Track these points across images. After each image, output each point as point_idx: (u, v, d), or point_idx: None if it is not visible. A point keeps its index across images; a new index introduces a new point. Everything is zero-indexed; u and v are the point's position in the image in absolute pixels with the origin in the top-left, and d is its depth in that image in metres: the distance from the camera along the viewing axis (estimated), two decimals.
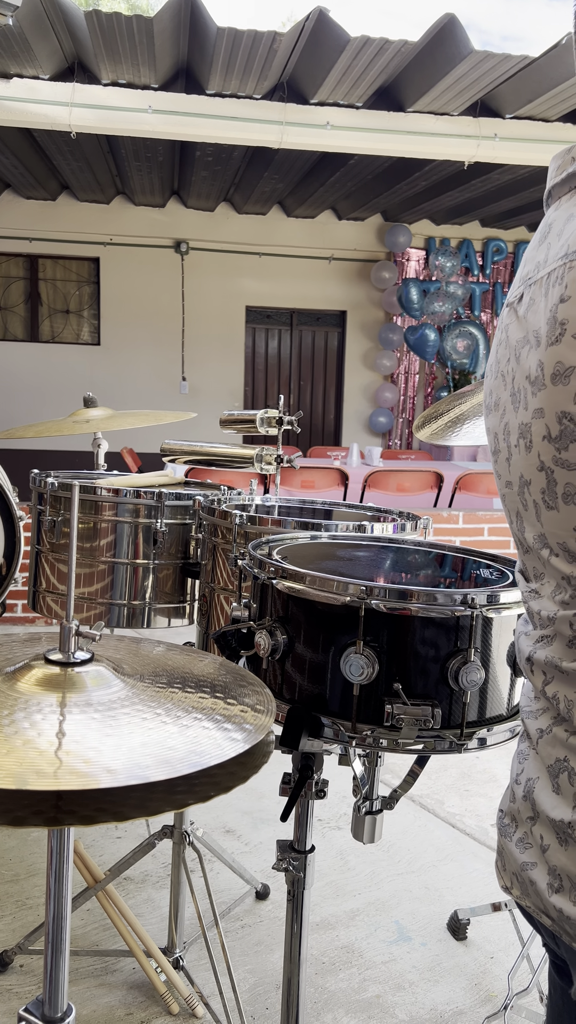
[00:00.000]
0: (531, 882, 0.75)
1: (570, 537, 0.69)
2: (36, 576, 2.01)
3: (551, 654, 0.74)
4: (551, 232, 0.73)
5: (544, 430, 0.69)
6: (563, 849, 0.71)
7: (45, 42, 4.91)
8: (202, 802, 0.76)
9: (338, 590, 1.07)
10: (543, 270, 0.71)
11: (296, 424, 2.03)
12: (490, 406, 0.82)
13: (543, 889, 0.72)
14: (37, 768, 0.69)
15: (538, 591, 0.76)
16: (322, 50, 4.88)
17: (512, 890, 0.79)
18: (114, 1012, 1.77)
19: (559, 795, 0.72)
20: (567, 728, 0.72)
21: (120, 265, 8.99)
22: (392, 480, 5.49)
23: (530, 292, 0.72)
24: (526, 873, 0.75)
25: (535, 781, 0.76)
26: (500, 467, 0.80)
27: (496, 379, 0.80)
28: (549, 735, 0.74)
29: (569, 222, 0.70)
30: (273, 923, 2.11)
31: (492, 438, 0.82)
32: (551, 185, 0.76)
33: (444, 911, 2.19)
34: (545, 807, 0.73)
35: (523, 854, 0.76)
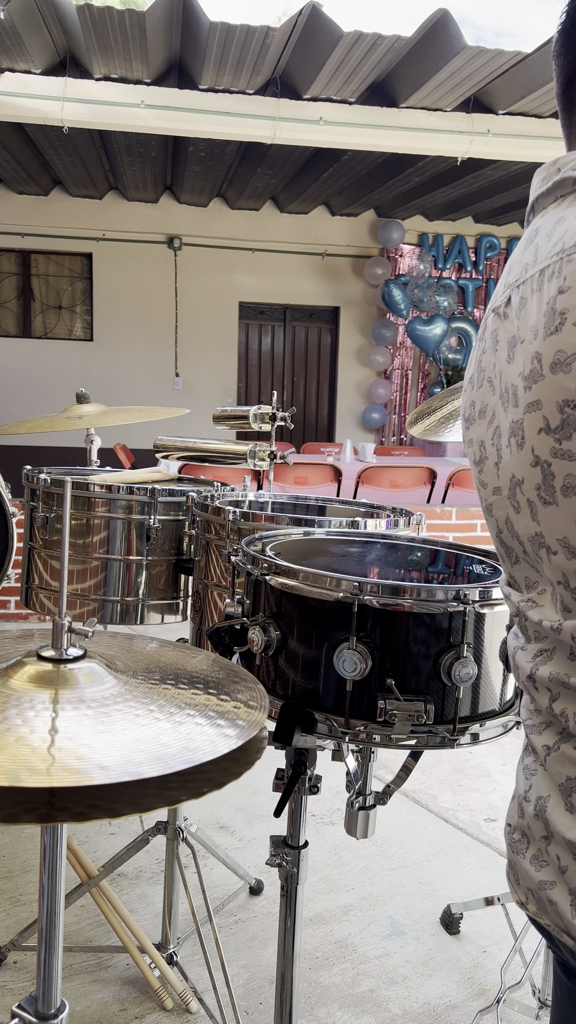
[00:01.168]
0: (551, 902, 0.74)
1: (571, 531, 0.68)
2: (29, 572, 2.00)
3: (555, 670, 0.72)
4: (538, 235, 0.73)
5: (541, 422, 0.68)
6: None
7: (37, 36, 4.88)
8: (195, 798, 0.76)
9: (331, 586, 1.07)
10: (533, 269, 0.71)
11: (289, 420, 2.03)
12: (472, 417, 0.82)
13: (565, 910, 0.72)
14: (30, 765, 0.68)
15: (535, 600, 0.75)
16: (315, 45, 4.87)
17: (528, 906, 0.78)
18: (108, 1008, 1.77)
19: (573, 815, 0.71)
20: (575, 746, 0.71)
21: (113, 261, 8.96)
22: (385, 476, 5.49)
23: (519, 292, 0.73)
24: (544, 892, 0.75)
25: (546, 800, 0.74)
26: (486, 475, 0.80)
27: (481, 388, 0.80)
28: (557, 752, 0.73)
29: (559, 224, 0.71)
30: (267, 918, 2.11)
31: (476, 448, 0.81)
32: (535, 197, 0.77)
33: (437, 905, 2.20)
34: (560, 827, 0.72)
35: (539, 872, 0.75)
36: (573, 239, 0.67)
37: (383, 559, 1.36)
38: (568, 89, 0.78)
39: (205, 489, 1.94)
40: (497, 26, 28.41)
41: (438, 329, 9.19)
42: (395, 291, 9.07)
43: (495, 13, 28.10)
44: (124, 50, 4.95)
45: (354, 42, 4.77)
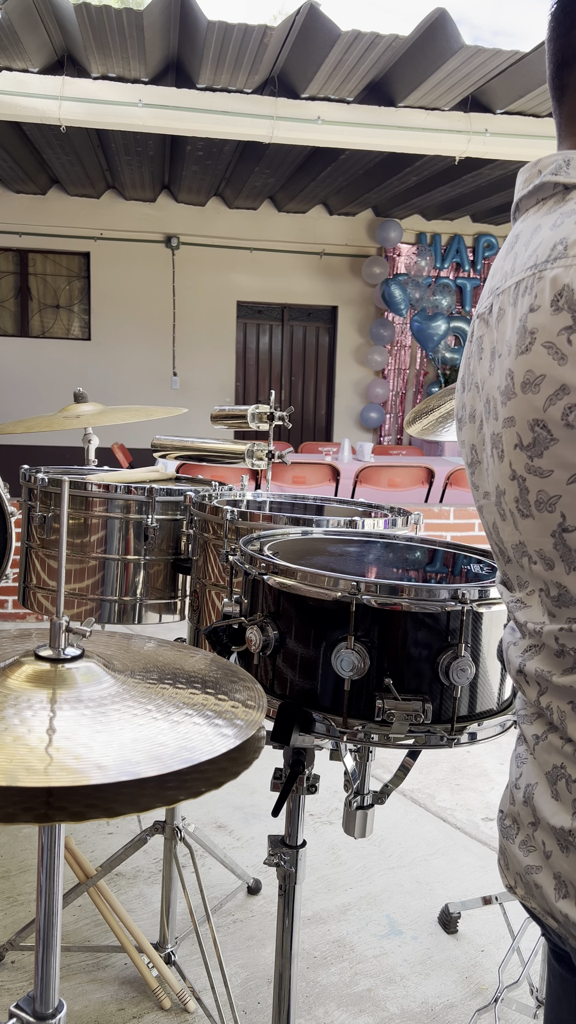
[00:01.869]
0: (536, 885, 0.76)
1: (547, 544, 0.69)
2: (26, 572, 2.00)
3: (541, 666, 0.74)
4: (518, 242, 0.74)
5: (515, 439, 0.70)
6: (565, 856, 0.72)
7: (34, 35, 4.88)
8: (193, 798, 0.76)
9: (329, 585, 1.07)
10: (510, 279, 0.72)
11: (287, 420, 2.03)
12: (464, 419, 0.83)
13: (550, 894, 0.74)
14: (27, 765, 0.68)
15: (524, 601, 0.77)
16: (313, 44, 4.87)
17: (516, 890, 0.80)
18: (106, 1008, 1.77)
19: (558, 802, 0.73)
20: (561, 736, 0.73)
21: (111, 260, 8.95)
22: (383, 476, 5.49)
23: (499, 302, 0.73)
24: (531, 876, 0.77)
25: (534, 787, 0.76)
26: (478, 478, 0.81)
27: (470, 391, 0.80)
28: (545, 742, 0.75)
29: (536, 233, 0.71)
30: (265, 918, 2.11)
31: (468, 450, 0.82)
32: (519, 198, 0.77)
33: (435, 905, 2.20)
34: (545, 813, 0.74)
35: (527, 857, 0.77)
36: (546, 252, 0.68)
37: (381, 559, 1.36)
38: (559, 74, 0.78)
39: (203, 488, 1.94)
40: (495, 25, 28.43)
41: (441, 327, 9.19)
42: (395, 289, 9.07)
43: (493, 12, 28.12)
44: (122, 49, 4.95)
45: (352, 41, 4.77)
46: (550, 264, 0.66)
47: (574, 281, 0.64)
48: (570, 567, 0.68)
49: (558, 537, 0.68)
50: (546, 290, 0.66)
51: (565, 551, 0.68)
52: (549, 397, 0.65)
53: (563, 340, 0.64)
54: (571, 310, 0.64)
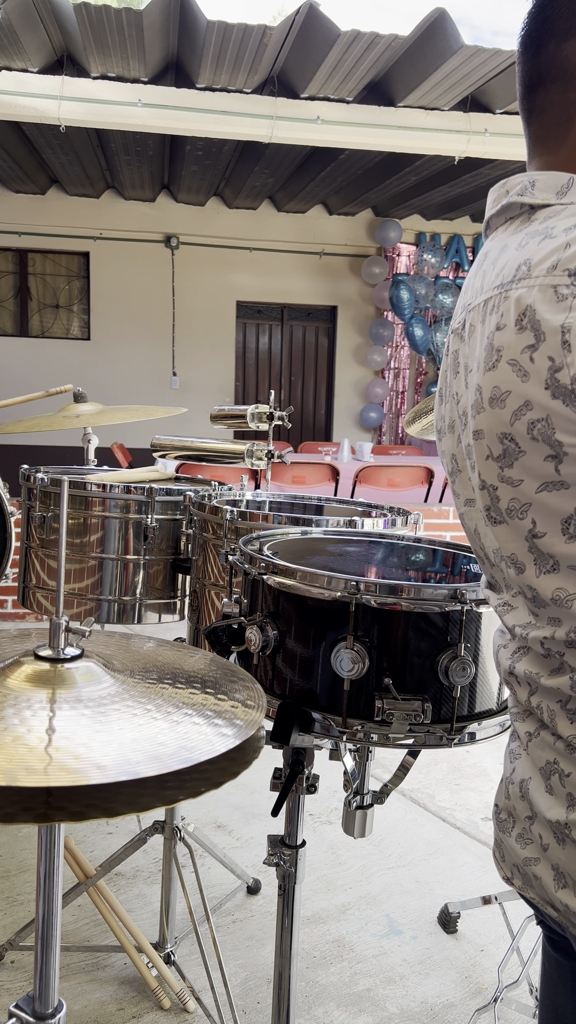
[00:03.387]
0: (535, 876, 0.78)
1: (520, 549, 0.73)
2: (26, 572, 2.00)
3: (529, 668, 0.77)
4: (487, 260, 0.77)
5: (486, 451, 0.73)
6: (562, 848, 0.74)
7: (34, 35, 4.88)
8: (192, 798, 0.76)
9: (328, 585, 1.07)
10: (479, 297, 0.75)
11: (287, 419, 2.03)
12: (443, 430, 0.86)
13: (549, 884, 0.76)
14: (27, 765, 0.68)
15: (510, 603, 0.79)
16: (312, 44, 4.87)
17: (513, 880, 0.82)
18: (105, 1007, 1.77)
19: (553, 796, 0.75)
20: (552, 733, 0.75)
21: (110, 260, 8.95)
22: (383, 475, 5.49)
23: (470, 318, 0.76)
24: (529, 868, 0.78)
25: (529, 781, 0.78)
26: (460, 486, 0.84)
27: (448, 403, 0.84)
28: (537, 738, 0.77)
29: (503, 252, 0.74)
30: (264, 917, 2.11)
31: (448, 460, 0.86)
32: (489, 216, 0.80)
33: (435, 905, 2.20)
34: (541, 807, 0.76)
35: (524, 850, 0.79)
36: (511, 272, 0.71)
37: (380, 558, 1.36)
38: (528, 96, 0.80)
39: (202, 488, 1.94)
40: (494, 25, 28.42)
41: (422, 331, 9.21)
42: (403, 292, 9.04)
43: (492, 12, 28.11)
44: (121, 49, 4.95)
45: (351, 41, 4.76)
46: (515, 284, 0.69)
47: (536, 302, 0.67)
48: (541, 570, 0.71)
49: (530, 542, 0.72)
50: (511, 310, 0.69)
51: (538, 555, 0.71)
52: (515, 412, 0.69)
53: (526, 358, 0.67)
54: (534, 329, 0.67)
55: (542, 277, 0.67)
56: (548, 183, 0.74)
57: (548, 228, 0.70)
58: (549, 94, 0.77)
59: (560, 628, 0.72)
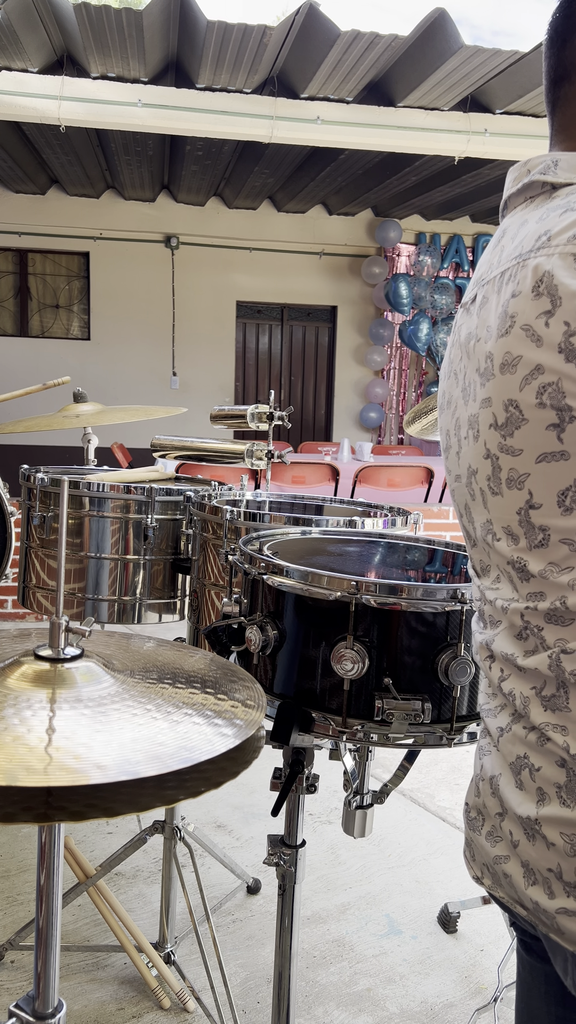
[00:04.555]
0: (505, 875, 0.77)
1: (513, 520, 0.73)
2: (26, 572, 2.00)
3: (505, 648, 0.76)
4: (505, 236, 0.77)
5: (491, 418, 0.73)
6: (532, 844, 0.73)
7: (34, 35, 4.88)
8: (192, 798, 0.76)
9: (328, 585, 1.07)
10: (496, 270, 0.75)
11: (287, 419, 2.03)
12: (443, 405, 0.87)
13: (519, 882, 0.75)
14: (27, 764, 0.68)
15: (494, 585, 0.79)
16: (312, 44, 4.87)
17: (483, 880, 0.82)
18: (105, 1007, 1.77)
19: (523, 791, 0.75)
20: (525, 725, 0.74)
21: (110, 260, 8.95)
22: (383, 475, 5.49)
23: (483, 291, 0.77)
24: (499, 866, 0.78)
25: (499, 778, 0.78)
26: (451, 463, 0.85)
27: (449, 379, 0.84)
28: (509, 733, 0.77)
29: (523, 227, 0.74)
30: (264, 917, 2.11)
31: (444, 436, 0.86)
32: (507, 196, 0.81)
33: (435, 904, 2.20)
34: (512, 803, 0.76)
35: (494, 848, 0.79)
36: (531, 243, 0.71)
37: (380, 558, 1.36)
38: (552, 89, 0.82)
39: (202, 488, 1.94)
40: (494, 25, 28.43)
41: (424, 329, 9.21)
42: (401, 286, 9.04)
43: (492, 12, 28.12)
44: (121, 49, 4.95)
45: (351, 41, 4.76)
46: (533, 254, 0.70)
47: (555, 268, 0.67)
48: (532, 543, 0.72)
49: (523, 515, 0.72)
50: (528, 277, 0.69)
51: (529, 528, 0.72)
52: (524, 377, 0.69)
53: (541, 323, 0.68)
54: (551, 295, 0.67)
55: (562, 246, 0.67)
56: (572, 163, 0.75)
57: (570, 202, 0.71)
58: (573, 86, 0.78)
59: (543, 601, 0.71)
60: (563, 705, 0.70)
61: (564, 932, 0.71)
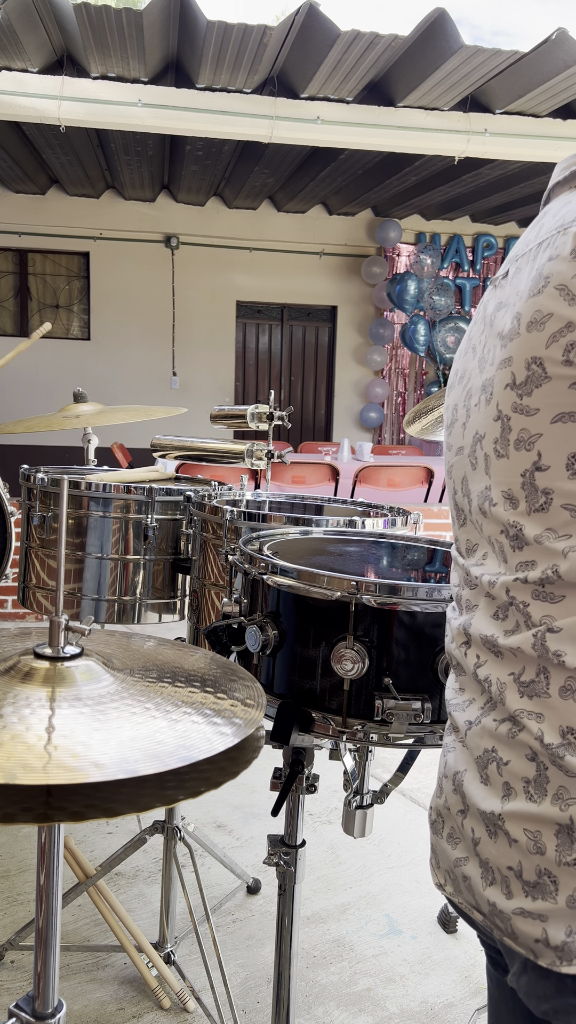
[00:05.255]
0: (464, 878, 0.75)
1: (516, 483, 0.72)
2: (26, 572, 2.00)
3: (484, 629, 0.75)
4: (546, 216, 0.77)
5: (509, 378, 0.72)
6: (493, 842, 0.71)
7: (34, 35, 4.88)
8: (192, 797, 0.76)
9: (328, 585, 1.07)
10: (533, 243, 0.75)
11: (287, 419, 2.03)
12: (453, 383, 0.86)
13: (477, 884, 0.73)
14: (26, 762, 0.68)
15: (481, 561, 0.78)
16: (312, 44, 4.87)
17: (445, 887, 0.79)
18: (105, 1007, 1.77)
19: (488, 786, 0.72)
20: (496, 717, 0.72)
21: (110, 260, 8.95)
22: (383, 475, 5.49)
23: (516, 265, 0.77)
24: (459, 869, 0.75)
25: (463, 774, 0.76)
26: (453, 437, 0.84)
27: (466, 355, 0.84)
28: (478, 726, 0.75)
29: (566, 205, 0.74)
30: (264, 917, 2.11)
31: (450, 412, 0.85)
32: (552, 185, 0.81)
33: (435, 904, 2.20)
34: (475, 799, 0.73)
35: (455, 850, 0.76)
36: (573, 215, 0.71)
37: (380, 558, 1.36)
38: None
39: (202, 488, 1.94)
40: (495, 25, 28.43)
41: (422, 331, 9.21)
42: (409, 285, 9.02)
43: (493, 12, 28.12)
44: (121, 49, 4.94)
45: (351, 41, 4.76)
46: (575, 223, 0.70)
47: None
48: (532, 507, 0.70)
49: (528, 476, 0.71)
50: (568, 243, 0.69)
51: (532, 490, 0.70)
52: (553, 335, 0.68)
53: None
54: None
55: None
56: None
57: None
58: None
59: (534, 570, 0.70)
60: (542, 691, 0.68)
61: (518, 935, 0.68)
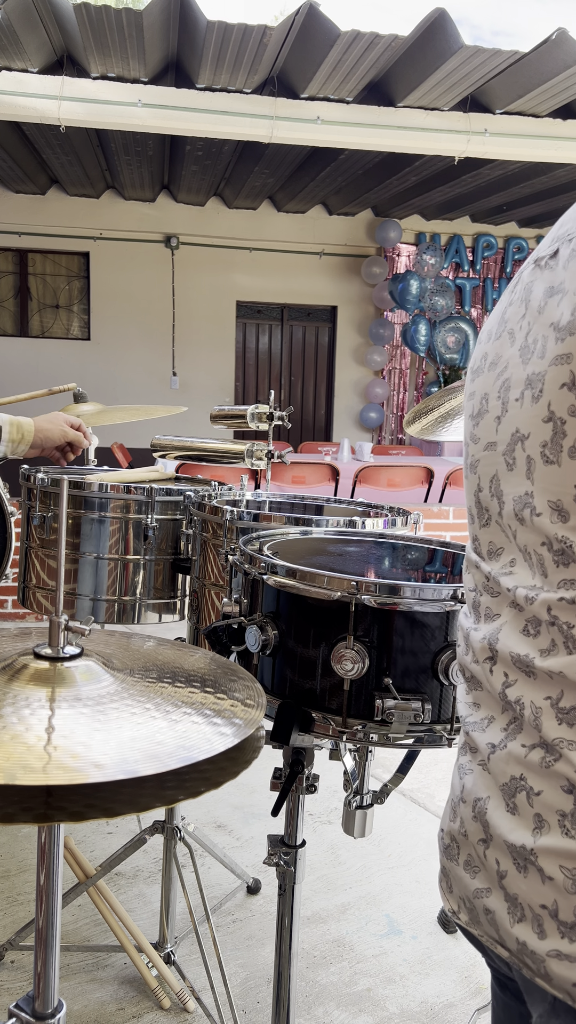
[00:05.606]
0: (487, 911, 0.69)
1: (567, 495, 0.64)
2: (26, 572, 2.00)
3: (516, 648, 0.68)
4: None
5: (566, 377, 0.65)
6: (522, 876, 0.66)
7: (34, 35, 4.88)
8: (192, 798, 0.76)
9: (328, 585, 1.07)
10: None
11: (287, 419, 2.02)
12: (480, 368, 0.77)
13: (503, 919, 0.67)
14: (25, 763, 0.68)
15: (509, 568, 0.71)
16: (312, 44, 4.87)
17: (459, 915, 0.74)
18: (105, 1007, 1.77)
19: (516, 816, 0.67)
20: (526, 742, 0.66)
21: (110, 260, 8.95)
22: (383, 475, 5.49)
23: (569, 246, 0.69)
24: (480, 901, 0.70)
25: (486, 801, 0.70)
26: (482, 429, 0.76)
27: (499, 339, 0.75)
28: (503, 751, 0.69)
29: None
30: (264, 917, 2.11)
31: (478, 401, 0.77)
32: None
33: (434, 904, 2.20)
34: (501, 830, 0.68)
35: (474, 879, 0.71)
36: None
37: (380, 558, 1.36)
38: None
39: (202, 488, 1.94)
40: (495, 25, 28.42)
41: (423, 330, 9.21)
42: (412, 284, 9.02)
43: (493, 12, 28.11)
44: (121, 49, 4.95)
45: (351, 41, 4.76)
46: None
47: None
48: None
49: None
50: None
51: None
52: None
53: None
54: None
55: None
56: None
57: None
58: None
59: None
60: None
61: (552, 978, 0.64)
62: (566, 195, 7.94)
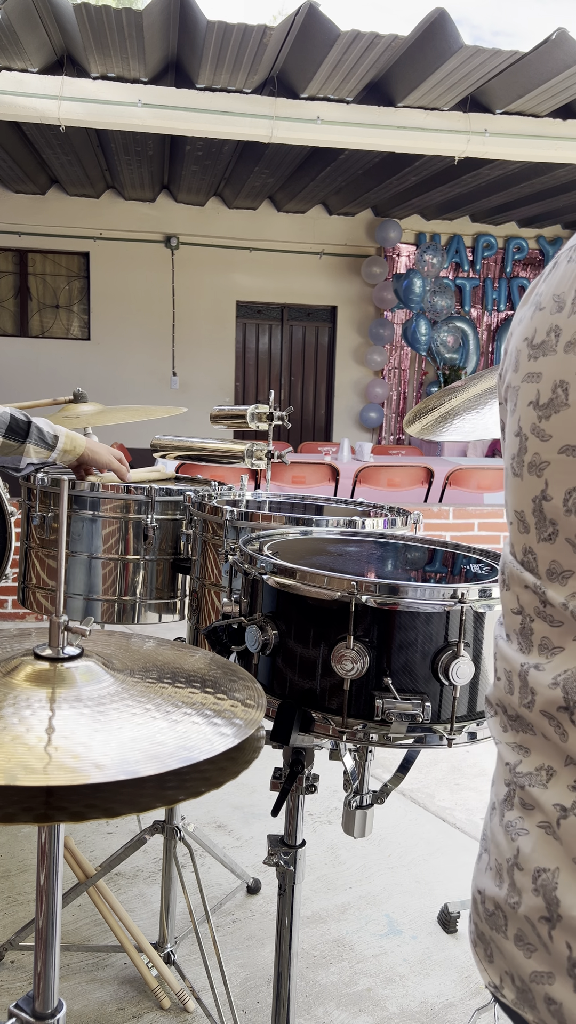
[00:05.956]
0: (549, 1000, 0.59)
1: None
2: (26, 572, 2.00)
3: None
4: None
5: None
6: None
7: (34, 35, 4.88)
8: (192, 798, 0.76)
9: (328, 585, 1.07)
10: None
11: (287, 419, 2.02)
12: (549, 345, 0.62)
13: (573, 1011, 0.58)
14: (26, 764, 0.68)
15: None
16: (312, 44, 4.87)
17: (503, 990, 0.64)
18: (105, 1007, 1.77)
19: None
20: None
21: (110, 260, 8.95)
22: (383, 475, 5.49)
23: None
24: (540, 987, 0.60)
25: (555, 873, 0.59)
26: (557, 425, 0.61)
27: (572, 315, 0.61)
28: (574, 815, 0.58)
29: None
30: (264, 917, 2.11)
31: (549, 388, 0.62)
32: None
33: (435, 904, 2.20)
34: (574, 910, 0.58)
35: (530, 959, 0.61)
36: None
37: (380, 558, 1.36)
38: None
39: (202, 488, 1.94)
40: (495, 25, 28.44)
41: (424, 329, 9.22)
42: (415, 282, 9.01)
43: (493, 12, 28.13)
44: (121, 49, 4.95)
45: (351, 41, 4.76)
46: None
47: None
48: None
49: None
50: None
51: None
52: None
53: None
54: None
55: None
56: None
57: None
58: None
59: None
60: None
61: None
62: (566, 195, 7.94)
